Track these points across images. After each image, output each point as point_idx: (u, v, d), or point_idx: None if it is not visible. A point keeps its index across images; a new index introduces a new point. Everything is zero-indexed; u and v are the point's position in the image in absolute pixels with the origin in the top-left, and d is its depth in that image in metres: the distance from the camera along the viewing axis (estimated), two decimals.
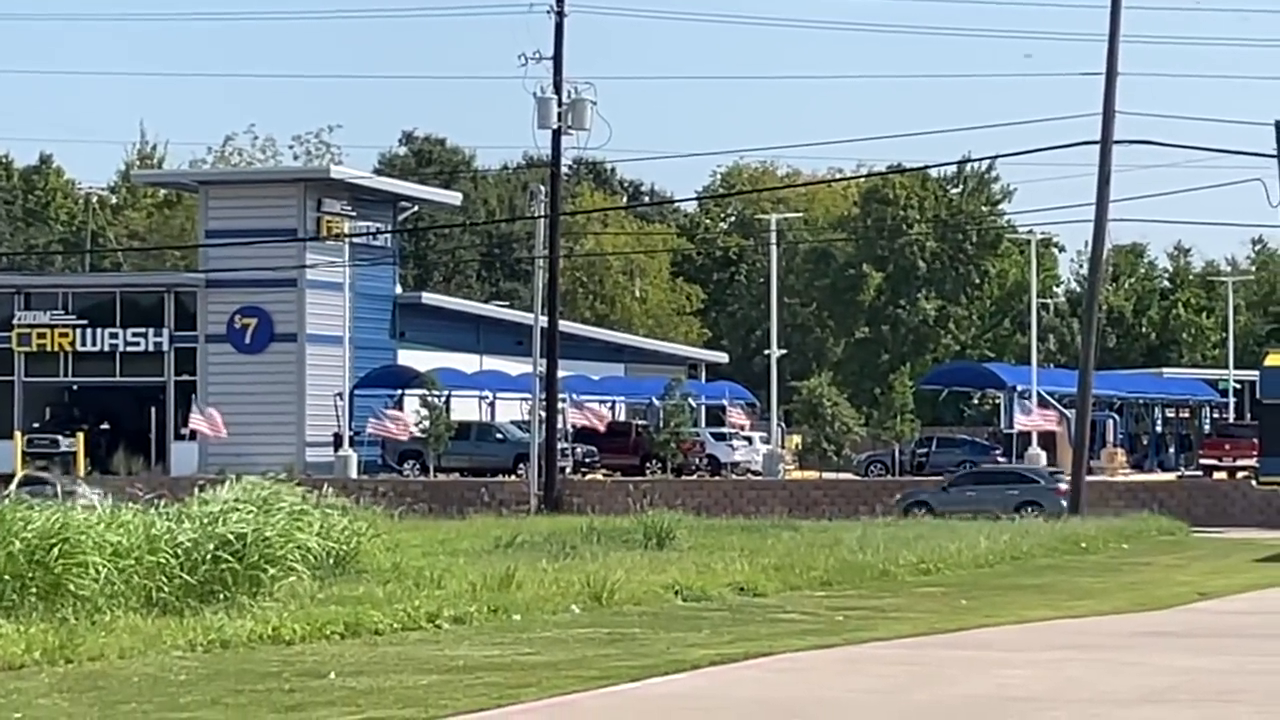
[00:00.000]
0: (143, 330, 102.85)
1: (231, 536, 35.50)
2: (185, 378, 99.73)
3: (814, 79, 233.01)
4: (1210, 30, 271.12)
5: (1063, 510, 73.25)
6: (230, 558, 34.88)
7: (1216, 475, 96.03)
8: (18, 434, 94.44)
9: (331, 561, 38.35)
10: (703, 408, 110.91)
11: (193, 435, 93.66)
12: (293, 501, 39.00)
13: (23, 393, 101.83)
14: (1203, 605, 40.21)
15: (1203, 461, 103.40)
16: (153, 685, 25.48)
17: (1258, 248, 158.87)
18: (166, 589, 33.32)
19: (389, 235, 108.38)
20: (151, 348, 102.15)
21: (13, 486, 56.45)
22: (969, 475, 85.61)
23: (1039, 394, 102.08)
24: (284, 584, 35.29)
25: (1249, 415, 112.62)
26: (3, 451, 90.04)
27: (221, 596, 33.82)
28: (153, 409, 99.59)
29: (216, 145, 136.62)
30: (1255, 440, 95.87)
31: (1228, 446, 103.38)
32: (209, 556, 34.77)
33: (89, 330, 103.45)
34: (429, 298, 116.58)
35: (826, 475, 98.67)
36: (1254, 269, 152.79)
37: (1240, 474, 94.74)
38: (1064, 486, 79.19)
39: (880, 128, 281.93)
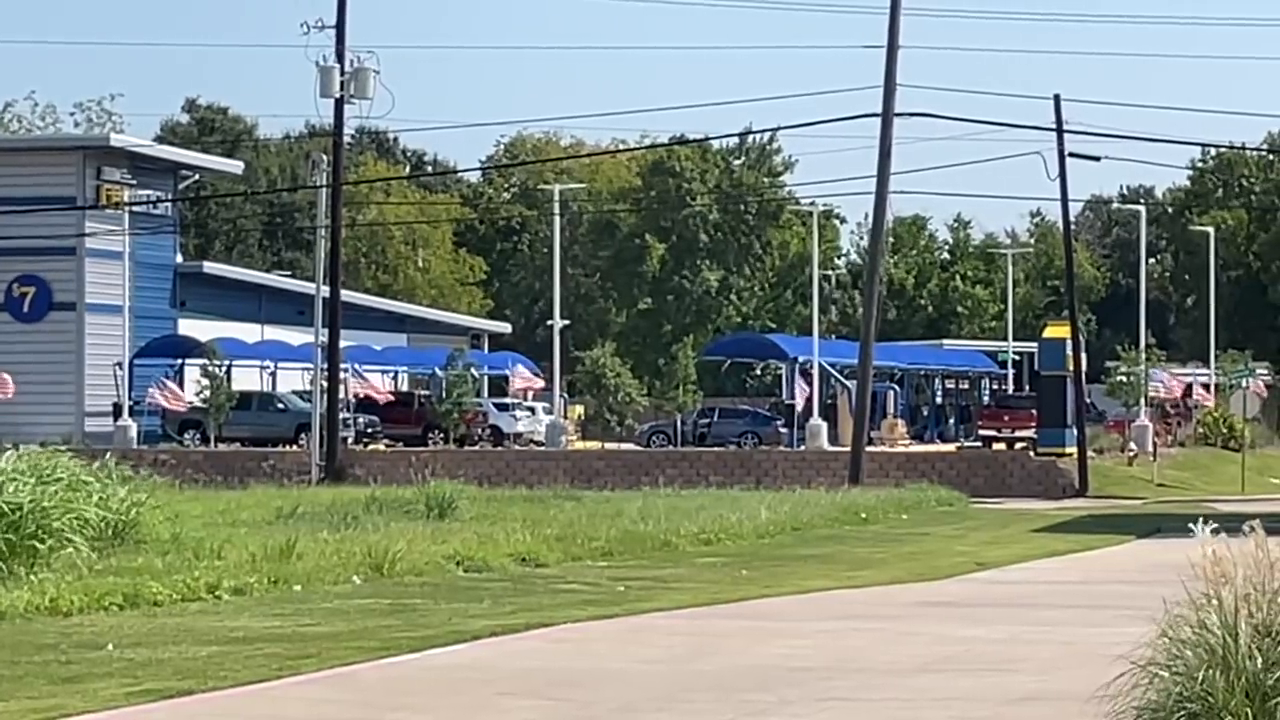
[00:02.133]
0: None
1: (6, 507, 35.32)
2: None
3: (598, 49, 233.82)
4: (991, 3, 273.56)
5: None
6: (6, 529, 34.71)
7: (995, 446, 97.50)
8: None
9: (110, 532, 38.02)
10: (485, 378, 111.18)
11: None
12: (71, 471, 38.81)
13: None
14: (980, 575, 40.64)
15: (982, 432, 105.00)
16: None
17: (1036, 220, 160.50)
18: None
19: (169, 204, 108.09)
20: None
21: None
22: None
23: (821, 367, 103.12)
24: (61, 555, 35.10)
25: (1027, 386, 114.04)
26: None
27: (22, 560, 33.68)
28: None
29: None
30: (1034, 411, 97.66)
31: (1006, 417, 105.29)
32: None
33: None
34: (210, 267, 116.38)
35: (609, 445, 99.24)
36: (1033, 241, 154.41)
37: (1019, 445, 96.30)
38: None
39: (664, 99, 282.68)
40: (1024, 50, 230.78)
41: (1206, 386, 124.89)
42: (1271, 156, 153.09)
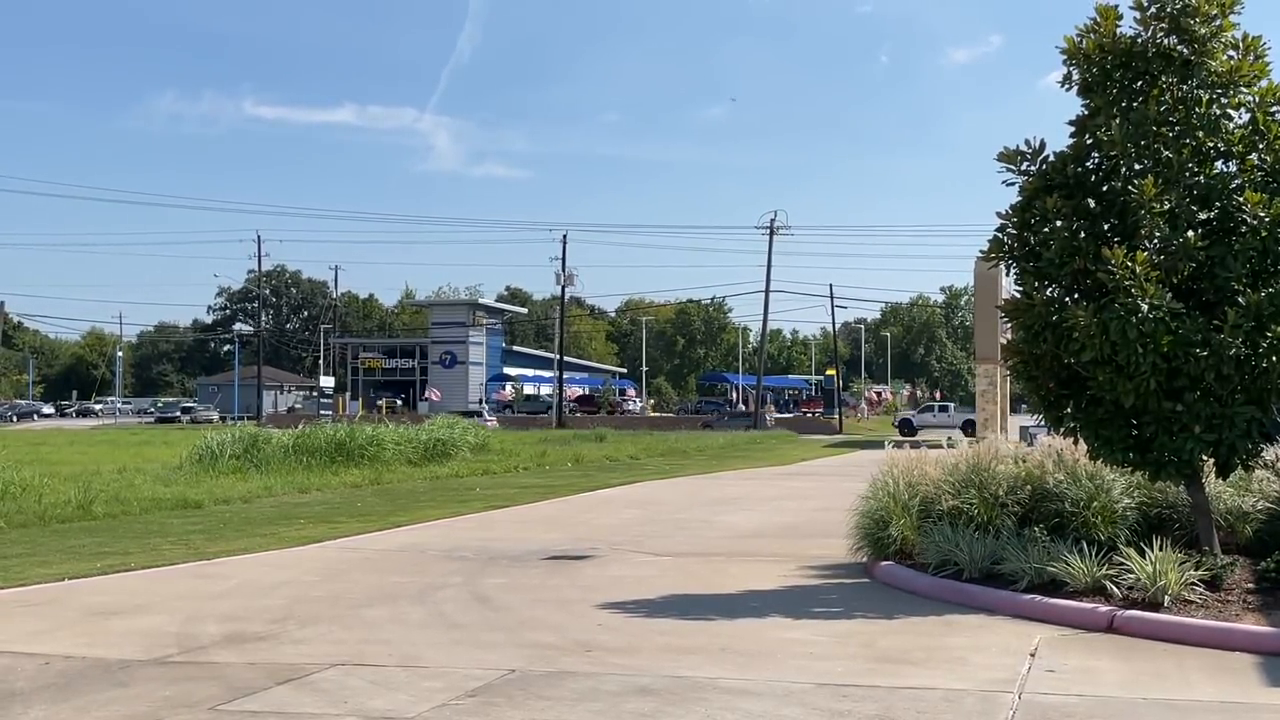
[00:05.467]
0: (407, 360, 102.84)
1: (440, 437, 35.49)
2: (423, 377, 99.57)
3: (655, 267, 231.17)
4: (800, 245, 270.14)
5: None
6: (435, 445, 34.81)
7: (809, 416, 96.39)
8: (360, 399, 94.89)
9: (478, 446, 37.83)
10: (618, 389, 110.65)
11: (427, 399, 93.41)
12: (462, 424, 38.78)
13: (362, 386, 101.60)
14: (802, 464, 39.86)
15: (804, 410, 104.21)
16: (410, 492, 25.23)
17: (823, 330, 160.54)
18: (414, 457, 33.10)
19: (501, 324, 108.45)
20: (410, 366, 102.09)
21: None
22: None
23: (742, 386, 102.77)
24: (458, 454, 35.09)
25: (820, 393, 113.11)
26: (354, 405, 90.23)
27: (436, 459, 33.67)
28: (412, 389, 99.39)
29: (434, 289, 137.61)
30: (823, 401, 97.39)
31: (812, 405, 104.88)
32: (434, 444, 34.65)
33: (388, 360, 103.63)
34: (515, 348, 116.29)
35: (664, 414, 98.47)
36: (821, 337, 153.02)
37: (817, 414, 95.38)
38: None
39: (682, 283, 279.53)
40: (825, 266, 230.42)
41: (887, 393, 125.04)
42: (913, 309, 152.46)
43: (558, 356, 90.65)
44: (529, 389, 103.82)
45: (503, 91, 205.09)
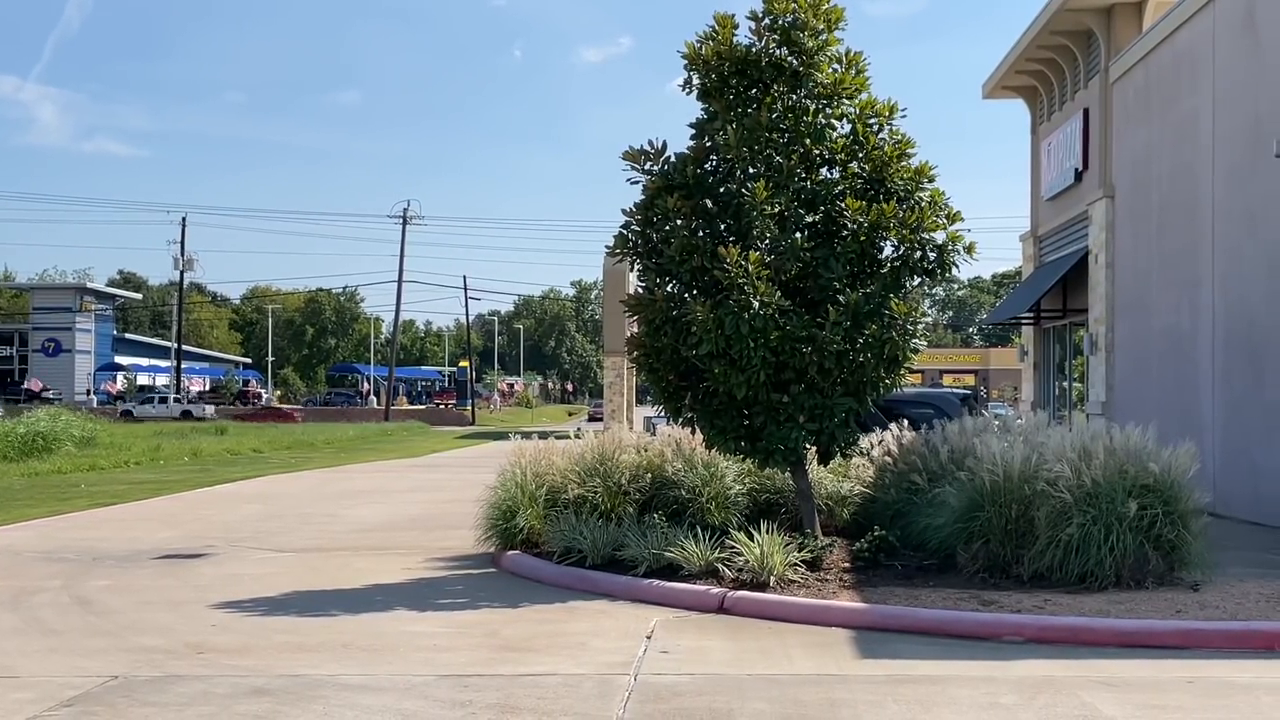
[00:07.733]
0: (5, 348, 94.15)
1: (41, 430, 33.15)
2: (24, 366, 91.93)
3: (284, 253, 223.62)
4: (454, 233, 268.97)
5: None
6: (36, 438, 32.53)
7: (442, 408, 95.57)
8: None
9: (84, 440, 35.04)
10: (243, 379, 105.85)
11: (29, 389, 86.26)
12: (67, 417, 36.15)
13: None
14: (435, 455, 39.77)
15: (437, 402, 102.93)
16: (4, 489, 23.17)
17: (459, 323, 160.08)
18: (11, 452, 30.73)
19: (111, 310, 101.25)
20: (8, 354, 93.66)
21: None
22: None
23: (374, 377, 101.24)
24: (62, 449, 32.74)
25: (453, 385, 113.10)
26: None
27: (37, 454, 31.23)
28: (10, 379, 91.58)
29: (37, 272, 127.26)
30: (455, 393, 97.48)
31: (445, 396, 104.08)
32: (33, 438, 32.33)
33: None
34: (129, 335, 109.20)
35: (292, 406, 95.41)
36: (454, 329, 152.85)
37: (450, 406, 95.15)
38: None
39: (316, 271, 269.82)
40: (460, 258, 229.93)
41: (519, 384, 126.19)
42: (545, 302, 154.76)
43: (175, 345, 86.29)
44: (144, 379, 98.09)
45: (117, 64, 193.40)
